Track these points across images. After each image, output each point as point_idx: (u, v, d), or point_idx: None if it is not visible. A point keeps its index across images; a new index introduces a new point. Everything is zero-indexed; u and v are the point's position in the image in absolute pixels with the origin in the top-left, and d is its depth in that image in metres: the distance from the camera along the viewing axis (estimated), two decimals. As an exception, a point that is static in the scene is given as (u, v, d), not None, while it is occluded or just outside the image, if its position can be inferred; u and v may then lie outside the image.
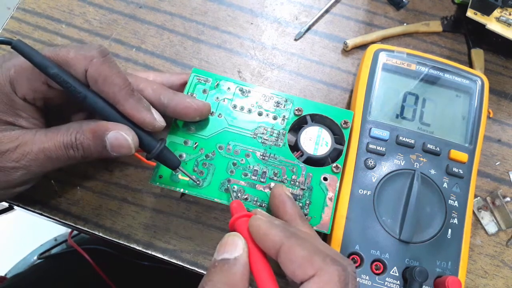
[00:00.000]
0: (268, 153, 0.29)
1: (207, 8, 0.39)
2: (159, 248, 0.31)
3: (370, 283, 0.28)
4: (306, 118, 0.30)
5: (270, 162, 0.29)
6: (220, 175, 0.28)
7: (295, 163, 0.29)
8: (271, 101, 0.30)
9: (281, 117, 0.30)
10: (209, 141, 0.29)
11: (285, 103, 0.30)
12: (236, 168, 0.28)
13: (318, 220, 0.27)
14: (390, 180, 0.30)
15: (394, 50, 0.34)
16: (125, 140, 0.25)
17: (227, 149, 0.29)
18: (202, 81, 0.31)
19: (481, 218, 0.33)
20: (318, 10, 0.40)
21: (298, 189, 0.28)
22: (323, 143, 0.29)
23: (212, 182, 0.28)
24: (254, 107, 0.30)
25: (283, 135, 0.29)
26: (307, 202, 0.28)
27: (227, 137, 0.29)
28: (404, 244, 0.29)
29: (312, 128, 0.30)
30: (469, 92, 0.34)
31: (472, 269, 0.32)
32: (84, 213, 0.31)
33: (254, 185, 0.28)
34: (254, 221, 0.23)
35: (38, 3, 0.38)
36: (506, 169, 0.35)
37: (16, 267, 0.69)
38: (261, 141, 0.29)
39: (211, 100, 0.30)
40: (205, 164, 0.28)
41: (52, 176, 0.32)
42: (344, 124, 0.30)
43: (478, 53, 0.38)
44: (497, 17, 0.36)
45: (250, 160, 0.29)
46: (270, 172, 0.28)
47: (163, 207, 0.32)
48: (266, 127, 0.30)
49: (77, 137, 0.25)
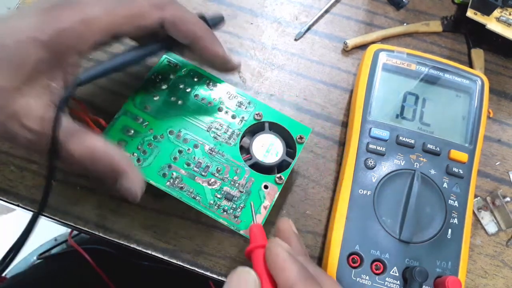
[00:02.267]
0: (217, 149, 0.29)
1: (207, 8, 0.39)
2: (159, 248, 0.31)
3: (370, 283, 0.28)
4: (264, 125, 0.30)
5: (217, 158, 0.28)
6: (163, 159, 0.28)
7: (241, 164, 0.28)
8: (234, 100, 0.30)
9: (240, 118, 0.30)
10: (162, 123, 0.29)
11: (247, 105, 0.30)
12: (181, 156, 0.28)
13: (247, 225, 0.27)
14: (390, 180, 0.30)
15: (394, 50, 0.34)
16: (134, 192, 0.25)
17: (177, 136, 0.29)
18: (172, 65, 0.31)
19: (481, 218, 0.33)
20: (318, 10, 0.40)
21: (237, 190, 0.28)
22: (274, 152, 0.29)
23: (153, 164, 0.28)
24: (216, 101, 0.30)
25: (237, 135, 0.29)
26: (241, 205, 0.27)
27: (180, 124, 0.29)
28: (404, 244, 0.29)
29: (267, 136, 0.29)
30: (469, 92, 0.34)
31: (472, 269, 0.32)
32: (84, 213, 0.31)
33: (194, 176, 0.28)
34: (274, 248, 0.22)
35: (38, 3, 0.38)
36: (506, 169, 0.35)
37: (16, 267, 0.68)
38: (214, 135, 0.29)
39: (175, 85, 0.30)
40: (151, 145, 0.28)
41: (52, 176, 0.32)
42: (299, 139, 0.29)
43: (478, 53, 0.38)
44: (497, 17, 0.36)
45: (197, 152, 0.28)
46: (214, 167, 0.28)
47: (163, 207, 0.32)
48: (222, 124, 0.29)
49: None
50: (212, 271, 0.31)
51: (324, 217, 0.32)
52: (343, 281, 0.28)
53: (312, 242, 0.32)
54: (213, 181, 0.28)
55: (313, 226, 0.32)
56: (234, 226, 0.27)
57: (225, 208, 0.27)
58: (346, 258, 0.28)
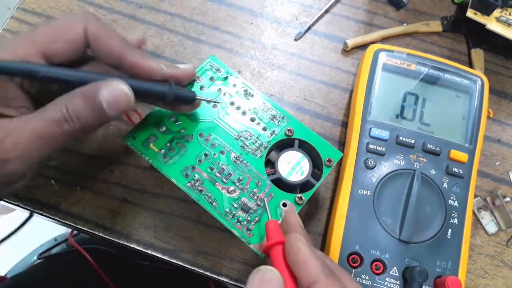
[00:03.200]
0: (243, 159, 0.28)
1: (207, 8, 0.39)
2: (159, 248, 0.31)
3: (370, 283, 0.28)
4: (294, 141, 0.29)
5: (240, 167, 0.28)
6: (188, 159, 0.28)
7: (263, 178, 0.28)
8: (268, 112, 0.30)
9: (271, 131, 0.29)
10: (194, 125, 0.29)
11: (281, 119, 0.30)
12: (206, 159, 0.28)
13: (258, 240, 0.26)
14: (390, 180, 0.30)
15: (394, 50, 0.34)
16: (120, 91, 0.23)
17: (206, 139, 0.29)
18: (214, 69, 0.31)
19: (481, 218, 0.33)
20: (318, 10, 0.40)
21: (254, 203, 0.27)
22: (299, 171, 0.28)
23: (177, 163, 0.28)
24: (250, 111, 0.30)
25: (265, 147, 0.29)
26: (256, 218, 0.27)
27: (211, 128, 0.29)
28: (404, 244, 0.29)
29: (295, 153, 0.29)
30: (469, 92, 0.34)
31: (472, 269, 0.32)
32: (84, 213, 0.31)
33: (215, 181, 0.28)
34: (296, 242, 0.21)
35: (38, 3, 0.38)
36: (506, 169, 0.35)
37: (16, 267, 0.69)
38: (242, 144, 0.29)
39: (214, 89, 0.30)
40: (179, 144, 0.28)
41: (52, 176, 0.32)
42: (328, 161, 0.28)
43: (478, 53, 0.38)
44: (497, 17, 0.36)
45: (222, 158, 0.28)
46: (236, 176, 0.28)
47: (163, 207, 0.32)
48: (252, 134, 0.29)
49: (68, 108, 0.23)
50: (212, 271, 0.31)
51: (324, 217, 0.32)
52: (343, 281, 0.28)
53: (312, 242, 0.32)
54: (233, 190, 0.27)
55: (313, 226, 0.32)
56: (246, 239, 0.26)
57: (240, 218, 0.27)
58: (346, 258, 0.28)
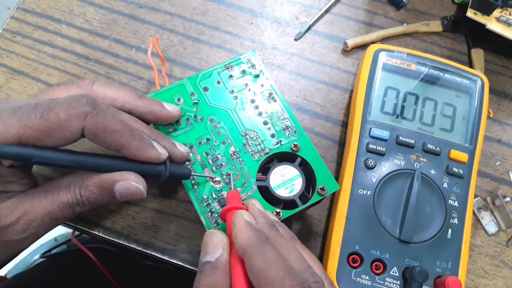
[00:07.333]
0: (240, 155, 0.28)
1: (207, 8, 0.39)
2: (159, 248, 0.31)
3: (370, 283, 0.28)
4: (296, 158, 0.29)
5: (234, 163, 0.28)
6: (190, 138, 0.29)
7: (251, 180, 0.28)
8: (283, 122, 0.30)
9: (278, 140, 0.29)
10: (209, 108, 0.30)
11: (292, 133, 0.29)
12: (206, 144, 0.28)
13: None
14: (390, 180, 0.30)
15: (394, 50, 0.34)
16: (136, 188, 0.24)
17: (214, 125, 0.29)
18: (250, 64, 0.31)
19: (481, 218, 0.33)
20: (318, 10, 0.40)
21: None
22: (290, 188, 0.28)
23: (179, 137, 0.29)
24: (267, 114, 0.30)
25: (265, 153, 0.29)
26: None
27: (223, 117, 0.29)
28: (404, 244, 0.29)
29: (292, 169, 0.28)
30: (469, 92, 0.34)
31: (472, 269, 0.32)
32: (84, 213, 0.31)
33: (205, 167, 0.28)
34: (235, 217, 0.23)
35: (38, 3, 0.38)
36: (506, 169, 0.35)
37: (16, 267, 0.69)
38: (245, 142, 0.29)
39: (241, 82, 0.31)
40: (188, 120, 0.29)
41: (52, 176, 0.32)
42: (320, 189, 0.27)
43: (478, 53, 0.38)
44: (497, 17, 0.36)
45: (221, 148, 0.28)
46: (226, 169, 0.28)
47: (163, 207, 0.32)
48: (259, 136, 0.29)
49: (82, 194, 0.24)
50: (212, 271, 0.31)
51: (324, 217, 0.32)
52: (343, 281, 0.28)
53: (312, 242, 0.32)
54: (218, 181, 0.28)
55: (313, 226, 0.32)
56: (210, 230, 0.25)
57: (213, 210, 0.27)
58: (346, 258, 0.28)
